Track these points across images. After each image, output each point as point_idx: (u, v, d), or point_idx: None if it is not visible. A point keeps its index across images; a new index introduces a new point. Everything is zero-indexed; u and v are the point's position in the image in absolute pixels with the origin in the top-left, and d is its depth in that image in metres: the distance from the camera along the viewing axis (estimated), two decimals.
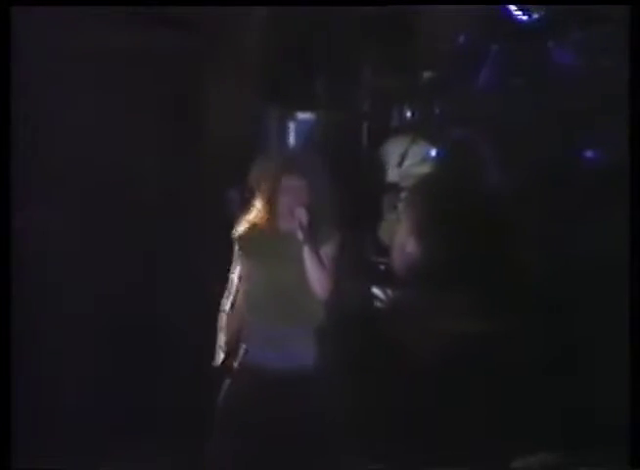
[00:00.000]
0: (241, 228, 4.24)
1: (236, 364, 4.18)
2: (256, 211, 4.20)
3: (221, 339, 4.24)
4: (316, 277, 4.09)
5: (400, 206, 5.66)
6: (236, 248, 4.25)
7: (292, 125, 6.16)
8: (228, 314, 4.24)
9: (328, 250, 4.14)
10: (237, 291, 4.25)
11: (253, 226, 4.21)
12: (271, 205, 4.16)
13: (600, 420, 4.74)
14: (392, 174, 5.85)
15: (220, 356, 4.23)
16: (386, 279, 5.60)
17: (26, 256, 4.85)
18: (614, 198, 4.81)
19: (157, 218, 5.39)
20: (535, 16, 5.69)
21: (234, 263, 4.27)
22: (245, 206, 4.30)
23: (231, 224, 4.36)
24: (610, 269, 4.87)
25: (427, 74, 5.95)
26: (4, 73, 4.28)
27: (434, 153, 5.70)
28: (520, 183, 5.32)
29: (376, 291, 5.61)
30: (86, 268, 5.18)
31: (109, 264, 5.23)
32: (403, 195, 5.71)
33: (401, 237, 5.26)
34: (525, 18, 5.71)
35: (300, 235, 4.07)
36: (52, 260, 5.11)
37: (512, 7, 5.71)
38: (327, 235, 4.13)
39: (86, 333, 5.14)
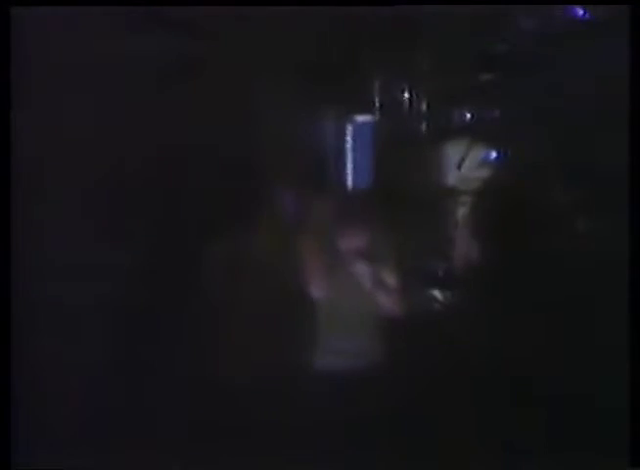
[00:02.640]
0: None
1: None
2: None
3: None
4: (384, 302, 4.19)
5: (460, 210, 5.62)
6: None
7: (349, 128, 6.17)
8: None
9: (388, 274, 4.23)
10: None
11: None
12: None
13: (600, 420, 4.74)
14: (451, 178, 5.79)
15: None
16: (444, 284, 5.56)
17: (27, 257, 4.85)
18: None
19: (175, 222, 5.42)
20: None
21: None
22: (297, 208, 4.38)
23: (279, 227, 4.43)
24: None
25: (486, 75, 5.90)
26: (4, 73, 4.29)
27: (494, 155, 5.64)
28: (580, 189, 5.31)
29: (435, 295, 5.57)
30: (88, 267, 5.19)
31: (113, 263, 5.23)
32: (462, 199, 5.66)
33: (463, 242, 5.22)
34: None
35: (361, 270, 4.17)
36: (53, 262, 5.11)
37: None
38: (386, 261, 4.24)
39: (87, 332, 5.13)
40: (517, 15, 5.72)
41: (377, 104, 6.04)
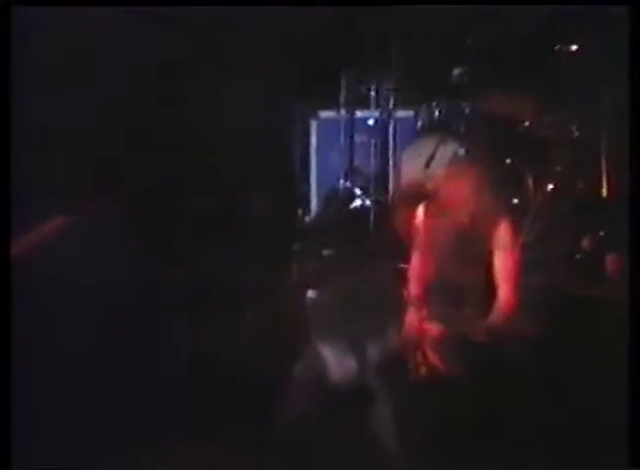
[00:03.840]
0: None
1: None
2: None
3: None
4: None
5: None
6: None
7: (315, 125, 6.16)
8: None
9: None
10: None
11: None
12: None
13: (599, 420, 4.74)
14: (419, 176, 5.65)
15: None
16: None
17: (27, 258, 4.85)
18: None
19: (167, 224, 5.42)
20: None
21: None
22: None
23: (251, 225, 4.45)
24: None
25: (456, 72, 5.84)
26: (4, 73, 4.28)
27: (462, 153, 5.53)
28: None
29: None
30: (88, 271, 5.19)
31: (113, 268, 5.24)
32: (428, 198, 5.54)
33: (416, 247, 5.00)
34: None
35: None
36: (53, 263, 5.11)
37: None
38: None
39: (87, 333, 5.14)
40: (516, 14, 5.73)
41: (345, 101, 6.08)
